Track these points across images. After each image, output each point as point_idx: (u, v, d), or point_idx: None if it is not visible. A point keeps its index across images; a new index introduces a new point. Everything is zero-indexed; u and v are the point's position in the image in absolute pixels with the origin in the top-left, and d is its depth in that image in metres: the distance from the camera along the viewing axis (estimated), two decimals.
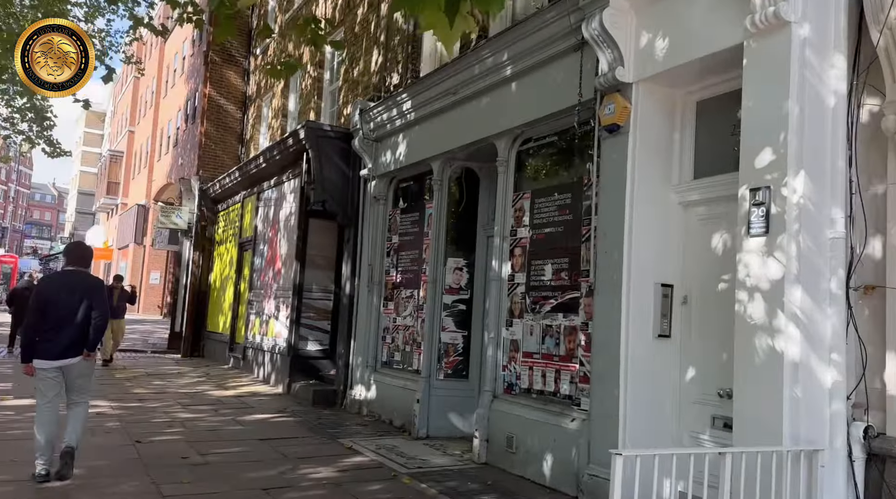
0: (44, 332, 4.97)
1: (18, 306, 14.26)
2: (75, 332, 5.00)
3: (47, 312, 4.99)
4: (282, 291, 10.65)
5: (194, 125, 23.54)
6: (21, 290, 15.71)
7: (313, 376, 9.91)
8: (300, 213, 10.13)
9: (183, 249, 17.25)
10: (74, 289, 5.09)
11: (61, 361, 4.97)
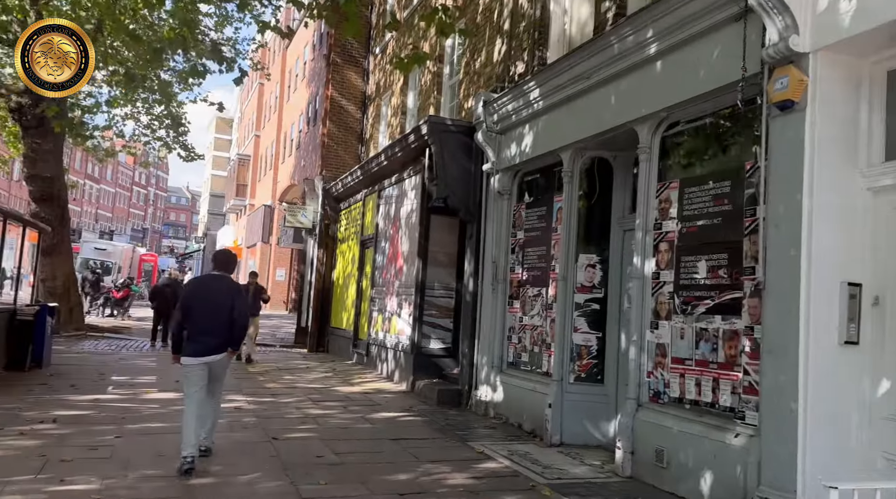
0: (191, 331, 5.40)
1: (160, 302, 15.14)
2: (219, 332, 5.40)
3: (193, 313, 5.42)
4: (404, 288, 10.60)
5: (315, 127, 24.35)
6: (162, 287, 16.71)
7: (436, 375, 9.78)
8: (421, 209, 10.02)
9: (307, 247, 17.81)
10: (219, 293, 5.52)
11: (207, 358, 5.37)
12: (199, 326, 5.38)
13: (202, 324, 5.36)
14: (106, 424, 6.60)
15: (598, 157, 7.14)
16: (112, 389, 8.74)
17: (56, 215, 15.57)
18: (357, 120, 15.71)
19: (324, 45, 22.82)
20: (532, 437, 7.11)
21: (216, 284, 5.64)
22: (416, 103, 12.83)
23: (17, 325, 9.59)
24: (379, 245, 12.08)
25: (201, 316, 5.38)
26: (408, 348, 10.06)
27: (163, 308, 15.00)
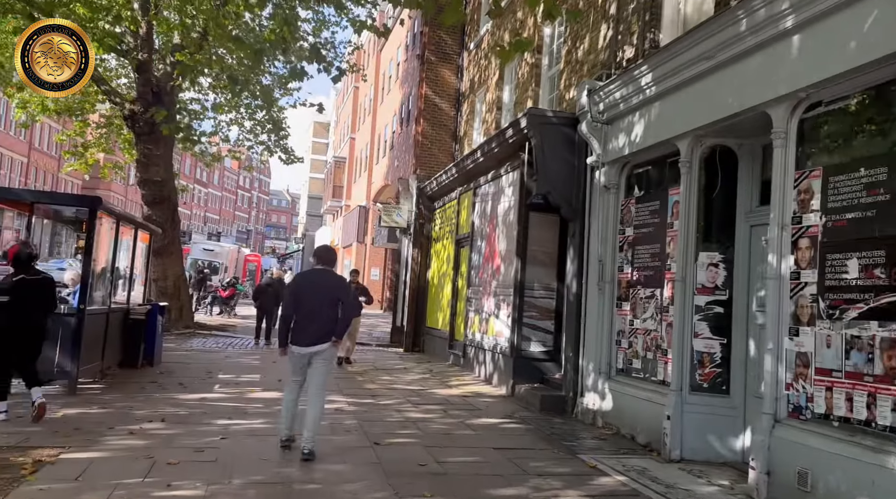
0: (297, 322, 5.75)
1: (263, 301, 15.58)
2: (323, 323, 5.70)
3: (300, 305, 5.77)
4: (501, 288, 10.25)
5: (409, 127, 24.44)
6: (265, 286, 17.20)
7: (537, 379, 9.36)
8: (520, 206, 9.63)
9: (402, 246, 17.80)
10: (323, 286, 5.86)
11: (312, 347, 5.70)
12: (304, 318, 5.71)
13: (307, 316, 5.68)
14: (212, 424, 6.65)
15: (720, 145, 6.50)
16: (218, 387, 8.90)
17: (167, 218, 16.33)
18: (451, 118, 15.50)
19: (417, 44, 22.85)
20: (647, 451, 6.57)
21: (320, 278, 5.96)
22: (512, 98, 12.44)
23: (130, 324, 9.98)
24: (475, 244, 11.79)
25: (306, 308, 5.71)
26: (507, 351, 9.70)
27: (265, 306, 15.47)
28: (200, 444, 5.78)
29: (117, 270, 9.77)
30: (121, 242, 10.00)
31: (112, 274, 9.42)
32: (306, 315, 5.69)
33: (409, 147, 23.40)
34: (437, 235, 14.81)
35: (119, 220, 9.02)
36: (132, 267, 10.35)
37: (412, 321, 15.18)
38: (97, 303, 8.74)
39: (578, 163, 8.54)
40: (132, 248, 10.29)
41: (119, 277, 9.95)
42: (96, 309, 8.62)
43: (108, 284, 8.99)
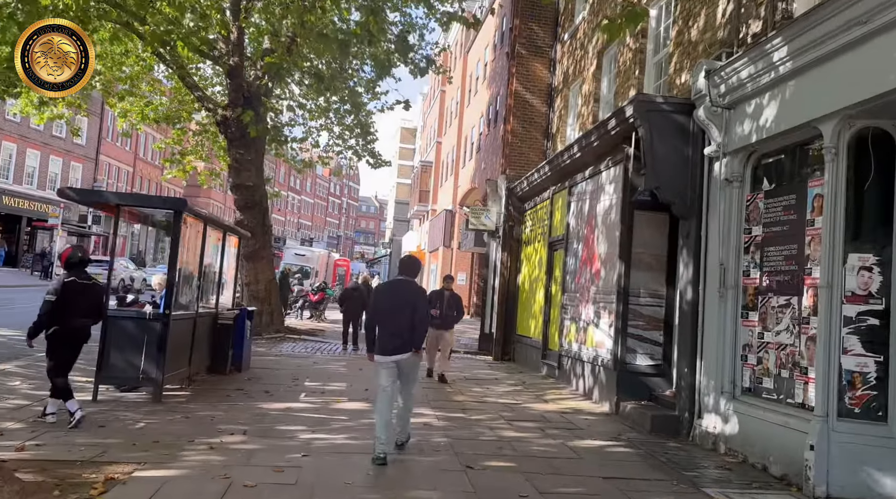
0: (379, 331, 5.89)
1: (349, 306, 15.41)
2: (403, 332, 5.80)
3: (382, 315, 5.91)
4: (602, 294, 9.40)
5: (496, 128, 23.82)
6: (350, 291, 17.01)
7: (644, 396, 8.46)
8: (623, 205, 8.77)
9: (490, 250, 17.17)
10: (403, 296, 5.96)
11: (395, 357, 5.80)
12: (386, 327, 5.84)
13: (389, 325, 5.83)
14: (295, 437, 6.24)
15: (873, 127, 5.48)
16: (304, 396, 8.56)
17: (258, 222, 16.44)
18: (542, 114, 14.74)
19: (506, 42, 22.22)
20: (784, 485, 5.62)
21: (401, 288, 6.08)
22: (611, 89, 11.56)
23: (218, 329, 9.85)
24: (570, 247, 10.98)
25: (388, 317, 5.85)
26: (609, 364, 8.85)
27: (351, 312, 15.29)
28: (281, 462, 5.35)
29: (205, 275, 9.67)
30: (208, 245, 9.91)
31: (200, 279, 9.31)
32: (387, 325, 5.83)
33: (496, 148, 22.77)
34: (527, 237, 14.07)
35: (206, 223, 8.87)
36: (221, 271, 10.25)
37: (501, 328, 14.50)
38: (184, 308, 8.61)
39: (693, 154, 7.62)
40: (220, 251, 10.18)
41: (208, 281, 9.86)
42: (183, 314, 8.48)
43: (195, 288, 8.85)
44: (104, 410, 6.99)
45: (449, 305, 10.50)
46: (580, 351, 10.06)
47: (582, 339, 10.04)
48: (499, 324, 14.55)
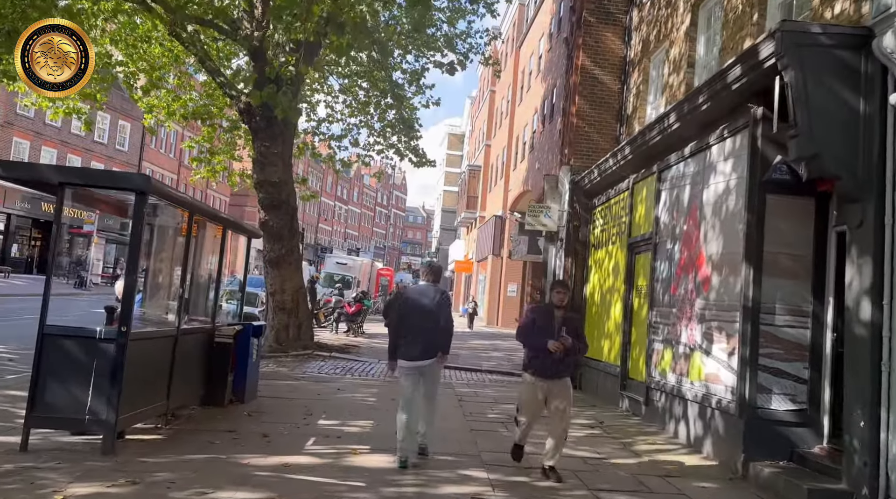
0: (404, 337, 5.82)
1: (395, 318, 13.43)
2: (428, 338, 5.78)
3: (407, 320, 5.84)
4: (714, 310, 6.97)
5: (552, 124, 21.48)
6: (392, 301, 15.16)
7: (783, 453, 6.00)
8: (750, 187, 6.35)
9: (548, 256, 14.81)
10: (428, 301, 5.86)
11: (418, 363, 5.78)
12: (411, 333, 5.81)
13: (414, 331, 5.79)
14: None
15: None
16: (312, 443, 6.40)
17: (284, 224, 14.52)
18: (614, 93, 12.36)
19: (563, 28, 19.93)
20: None
21: (426, 293, 5.98)
22: (711, 48, 9.15)
23: (214, 349, 7.82)
24: (661, 248, 8.57)
25: (413, 323, 5.81)
26: (729, 406, 6.40)
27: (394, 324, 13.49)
28: None
29: (196, 281, 7.67)
30: (205, 243, 7.91)
31: (188, 284, 7.30)
32: (413, 330, 5.79)
33: (553, 144, 20.45)
34: (596, 239, 11.68)
35: (192, 212, 6.83)
36: (219, 278, 8.23)
37: None
38: (157, 323, 6.60)
39: (868, 107, 5.21)
40: (219, 252, 8.17)
41: (199, 289, 7.86)
42: (154, 332, 6.46)
43: (178, 296, 6.81)
44: (25, 467, 4.98)
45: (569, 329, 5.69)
46: (680, 385, 7.60)
47: (682, 369, 7.59)
48: None
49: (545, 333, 5.56)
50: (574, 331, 5.67)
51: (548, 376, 5.62)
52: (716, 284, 6.93)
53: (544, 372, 5.63)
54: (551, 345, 5.47)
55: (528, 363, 5.75)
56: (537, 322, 5.68)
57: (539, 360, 5.61)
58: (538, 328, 5.62)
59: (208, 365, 7.76)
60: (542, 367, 5.62)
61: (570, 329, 5.61)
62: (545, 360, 5.57)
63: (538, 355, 5.61)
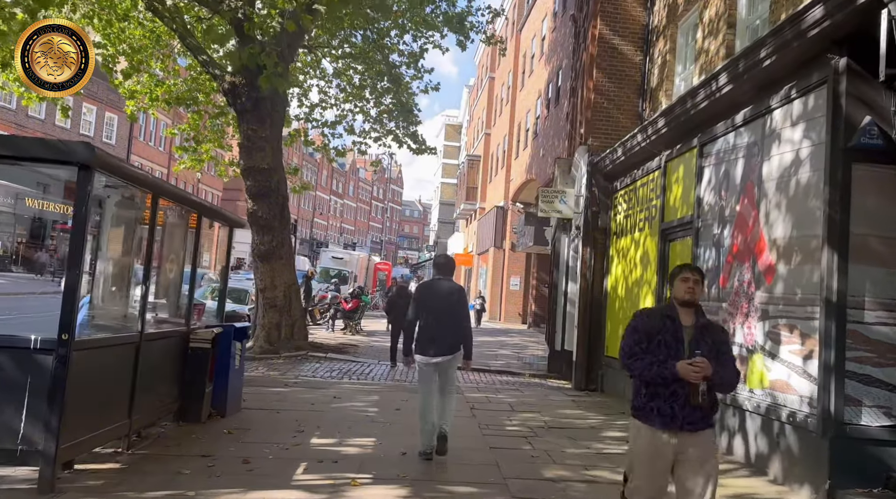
0: (420, 332, 5.81)
1: (397, 315, 12.82)
2: (446, 333, 5.75)
3: (423, 315, 5.80)
4: (781, 304, 5.86)
5: (558, 107, 20.34)
6: (395, 298, 14.18)
7: (877, 479, 4.90)
8: (830, 155, 5.23)
9: (560, 246, 13.69)
10: (445, 296, 5.84)
11: (437, 359, 5.72)
12: (428, 329, 5.75)
13: (431, 326, 5.73)
14: None
15: None
16: (302, 471, 5.28)
17: (274, 214, 13.37)
18: (635, 65, 11.22)
19: (569, 5, 18.79)
20: None
21: (442, 288, 5.92)
22: (755, 4, 8.01)
23: (190, 356, 6.69)
24: (705, 232, 7.45)
25: (430, 319, 5.75)
26: (806, 421, 5.30)
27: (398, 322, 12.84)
28: None
29: (165, 277, 6.54)
30: (173, 233, 6.79)
31: (157, 282, 6.18)
32: (430, 326, 5.72)
33: (560, 128, 19.35)
34: (619, 226, 10.57)
35: (157, 194, 5.68)
36: (193, 274, 7.09)
37: (584, 348, 11.01)
38: (115, 328, 5.48)
39: None
40: (195, 242, 7.04)
41: (170, 287, 6.74)
42: (108, 339, 5.35)
43: (141, 296, 5.67)
44: None
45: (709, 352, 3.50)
46: (735, 393, 6.48)
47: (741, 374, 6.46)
48: (580, 341, 11.05)
49: (668, 351, 3.34)
50: (716, 346, 3.40)
51: (677, 426, 3.33)
52: (784, 273, 5.81)
53: (671, 420, 3.32)
54: (683, 369, 3.23)
55: (642, 405, 3.43)
56: (651, 335, 3.41)
57: (661, 399, 3.34)
58: (655, 345, 3.38)
59: (182, 375, 6.64)
60: (667, 411, 3.33)
61: (708, 344, 3.37)
62: (671, 399, 3.32)
63: (658, 392, 3.34)
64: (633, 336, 3.46)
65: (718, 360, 3.33)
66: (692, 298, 3.44)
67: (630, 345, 3.44)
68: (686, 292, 3.43)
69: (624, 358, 3.47)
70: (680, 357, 3.30)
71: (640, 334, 3.43)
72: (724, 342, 3.51)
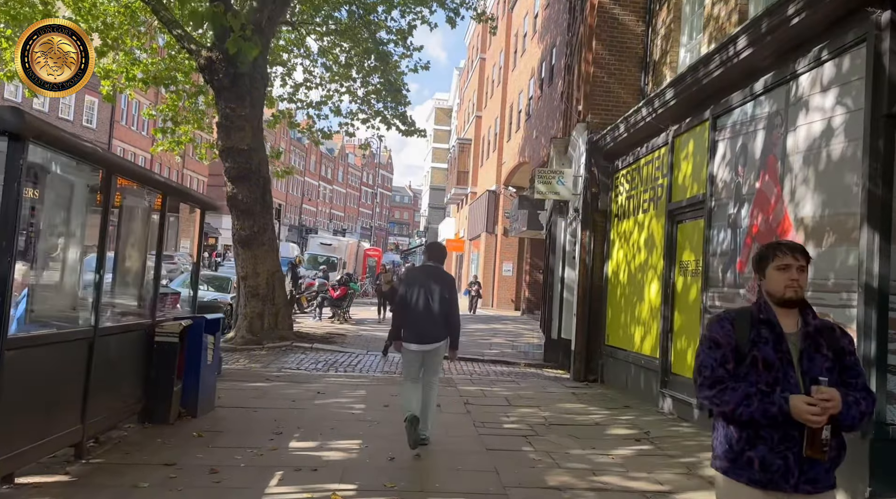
0: (408, 320, 5.66)
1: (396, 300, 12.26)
2: (433, 321, 5.60)
3: (411, 302, 5.64)
4: (809, 290, 5.25)
5: (552, 87, 19.68)
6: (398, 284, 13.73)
7: None
8: (871, 123, 4.63)
9: (556, 230, 13.11)
10: (433, 283, 5.66)
11: (423, 346, 5.61)
12: (415, 315, 5.60)
13: (418, 313, 5.59)
14: None
15: None
16: (276, 484, 4.67)
17: (255, 197, 12.69)
18: (637, 36, 10.57)
19: None
20: None
21: (431, 274, 5.79)
22: None
23: (156, 350, 6.06)
24: (719, 212, 6.86)
25: (417, 305, 5.60)
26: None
27: None
28: None
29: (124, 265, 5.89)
30: (135, 215, 6.14)
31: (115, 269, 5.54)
32: (417, 313, 5.60)
33: (554, 108, 18.71)
34: (620, 207, 9.98)
35: (110, 171, 5.01)
36: (159, 257, 6.44)
37: (583, 336, 10.45)
38: (64, 321, 4.83)
39: None
40: (160, 226, 6.38)
41: (130, 276, 6.08)
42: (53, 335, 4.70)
43: (93, 284, 5.02)
44: None
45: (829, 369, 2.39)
46: None
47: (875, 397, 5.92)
48: (579, 330, 10.49)
49: (770, 374, 2.26)
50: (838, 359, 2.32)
51: (791, 485, 2.24)
52: (813, 256, 5.23)
53: (783, 477, 2.24)
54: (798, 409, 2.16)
55: (735, 454, 2.30)
56: (741, 351, 2.31)
57: (767, 446, 2.24)
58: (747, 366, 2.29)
59: (147, 372, 6.02)
60: (776, 464, 2.24)
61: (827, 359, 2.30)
62: (783, 445, 2.23)
63: (762, 435, 2.25)
64: (713, 354, 2.32)
65: (844, 381, 2.27)
66: (796, 294, 2.30)
67: (711, 367, 2.31)
68: (788, 287, 2.29)
69: (703, 388, 2.31)
70: (789, 381, 2.24)
71: (725, 350, 2.31)
72: (849, 352, 2.35)
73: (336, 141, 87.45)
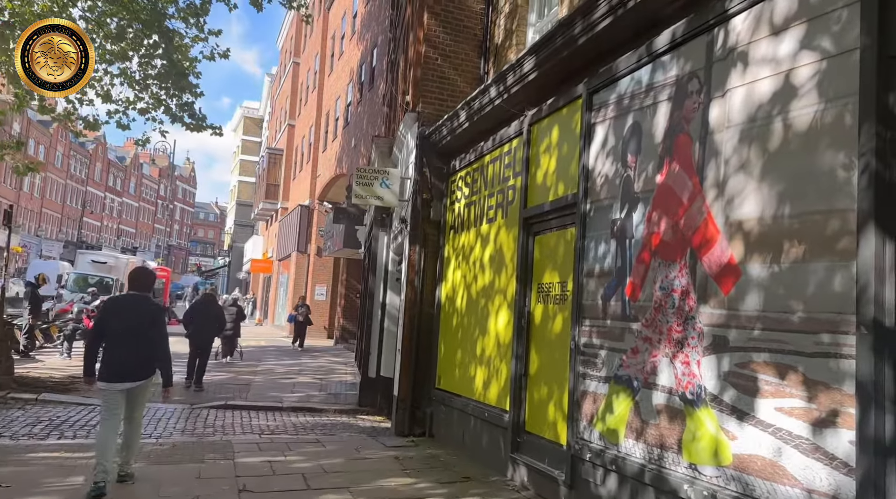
0: (107, 354, 5.15)
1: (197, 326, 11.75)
2: (137, 356, 5.15)
3: (110, 334, 5.17)
4: (753, 328, 3.57)
5: (373, 91, 17.67)
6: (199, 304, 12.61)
7: None
8: (876, 70, 3.00)
9: (377, 247, 10.93)
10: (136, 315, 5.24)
11: (125, 384, 5.11)
12: (115, 350, 5.16)
13: (119, 347, 5.14)
14: None
15: None
16: None
17: None
18: (476, 15, 8.83)
19: None
20: None
21: (134, 305, 5.34)
22: None
23: None
24: (598, 218, 5.08)
25: (118, 339, 5.16)
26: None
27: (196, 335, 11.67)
28: None
29: None
30: None
31: None
32: (117, 347, 5.12)
33: (374, 115, 16.72)
34: (458, 217, 8.04)
35: None
36: None
37: (408, 376, 8.29)
38: None
39: None
40: None
41: None
42: None
43: None
44: None
45: None
46: (660, 465, 4.09)
47: (665, 436, 4.09)
48: (404, 369, 8.31)
49: None
50: None
51: None
52: (762, 277, 3.52)
53: None
54: None
55: None
56: None
57: None
58: None
59: None
60: None
61: None
62: None
63: None
64: None
65: None
66: None
67: None
68: None
69: None
70: None
71: None
72: None
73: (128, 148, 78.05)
